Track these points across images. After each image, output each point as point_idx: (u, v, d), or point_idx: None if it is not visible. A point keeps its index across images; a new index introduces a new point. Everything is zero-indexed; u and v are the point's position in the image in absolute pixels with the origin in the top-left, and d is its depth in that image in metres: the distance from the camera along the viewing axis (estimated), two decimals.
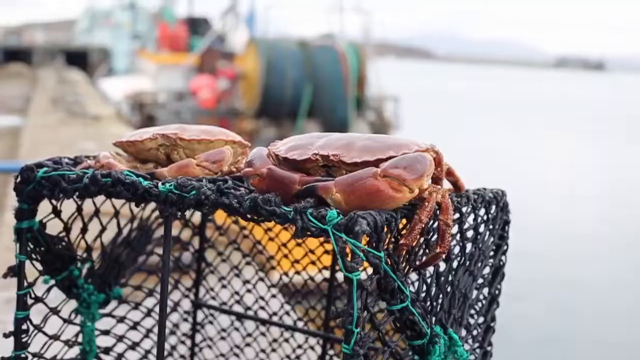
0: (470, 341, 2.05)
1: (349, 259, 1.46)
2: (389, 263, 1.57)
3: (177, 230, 2.59)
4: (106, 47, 42.71)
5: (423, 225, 1.61)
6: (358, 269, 1.45)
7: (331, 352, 2.69)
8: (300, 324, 2.73)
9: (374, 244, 1.50)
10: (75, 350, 2.29)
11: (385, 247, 1.55)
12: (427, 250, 1.70)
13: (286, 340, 2.71)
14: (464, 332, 1.98)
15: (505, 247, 2.09)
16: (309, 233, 1.52)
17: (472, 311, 2.03)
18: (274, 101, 21.19)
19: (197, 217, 2.73)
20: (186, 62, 26.06)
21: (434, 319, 1.76)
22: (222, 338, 2.76)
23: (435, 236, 1.68)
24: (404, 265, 1.65)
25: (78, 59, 40.29)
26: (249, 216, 1.61)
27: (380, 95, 23.11)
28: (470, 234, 1.90)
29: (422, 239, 1.69)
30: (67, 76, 26.49)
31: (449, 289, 1.82)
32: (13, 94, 20.89)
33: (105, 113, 14.86)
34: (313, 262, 2.63)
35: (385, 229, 1.53)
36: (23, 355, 1.96)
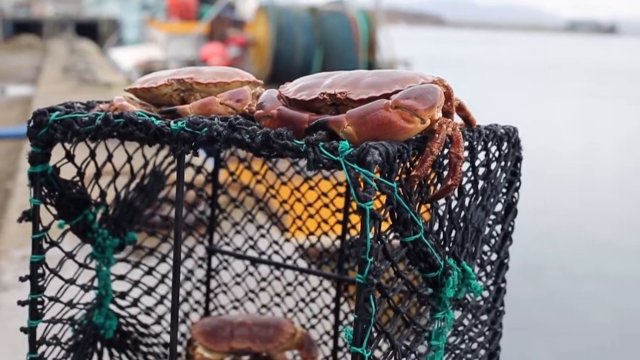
0: (484, 278, 2.06)
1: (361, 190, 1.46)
2: (402, 194, 1.57)
3: (190, 177, 2.60)
4: (116, 18, 42.69)
5: (434, 157, 1.60)
6: (371, 198, 1.45)
7: (345, 294, 2.71)
8: (314, 268, 2.75)
9: (386, 175, 1.50)
10: (91, 295, 2.31)
11: (398, 178, 1.55)
12: (439, 184, 1.71)
13: (300, 283, 2.73)
14: (477, 269, 1.99)
15: (517, 184, 2.08)
16: (321, 165, 1.52)
17: (486, 248, 2.03)
18: (285, 67, 21.16)
19: (210, 164, 2.74)
20: (196, 31, 26.01)
21: (447, 251, 1.76)
22: (237, 283, 2.78)
23: (447, 169, 1.68)
24: (416, 197, 1.65)
25: (88, 30, 40.28)
26: (261, 152, 1.61)
27: (392, 60, 23.02)
28: (482, 169, 1.90)
29: (434, 172, 1.69)
30: (78, 46, 26.47)
31: (462, 224, 1.82)
32: (24, 64, 20.92)
33: (116, 81, 14.87)
34: (326, 205, 2.64)
35: (397, 160, 1.53)
36: (39, 299, 1.98)
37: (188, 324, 2.73)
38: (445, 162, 1.69)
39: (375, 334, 1.53)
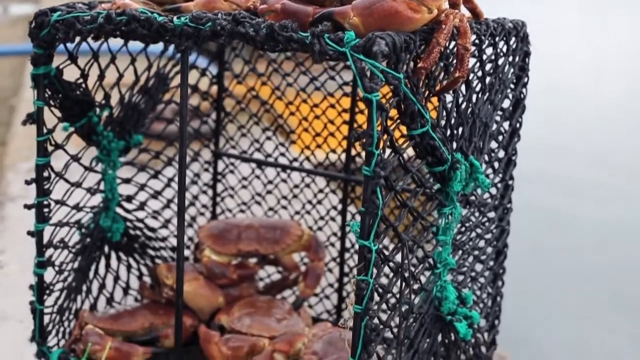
0: (492, 175, 2.05)
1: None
2: (409, 86, 1.55)
3: (194, 80, 2.57)
4: None
5: (441, 48, 1.58)
6: (377, 89, 1.43)
7: (352, 195, 2.70)
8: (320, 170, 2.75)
9: (392, 65, 1.48)
10: (97, 198, 2.31)
11: (405, 69, 1.53)
12: (447, 77, 1.69)
13: (307, 185, 2.73)
14: (485, 166, 1.98)
15: (525, 79, 2.06)
16: (327, 57, 1.50)
17: (494, 145, 2.02)
18: None
19: (214, 69, 2.72)
20: None
21: (454, 145, 1.75)
22: (244, 187, 2.77)
23: (454, 62, 1.66)
24: (423, 90, 1.63)
25: None
26: (265, 46, 1.59)
27: None
28: (489, 63, 1.87)
29: (441, 64, 1.67)
30: None
31: (469, 119, 1.80)
32: None
33: None
34: (332, 106, 2.62)
35: (404, 51, 1.51)
36: (45, 202, 1.98)
37: (195, 227, 2.74)
38: (453, 51, 1.66)
39: (382, 229, 1.53)
